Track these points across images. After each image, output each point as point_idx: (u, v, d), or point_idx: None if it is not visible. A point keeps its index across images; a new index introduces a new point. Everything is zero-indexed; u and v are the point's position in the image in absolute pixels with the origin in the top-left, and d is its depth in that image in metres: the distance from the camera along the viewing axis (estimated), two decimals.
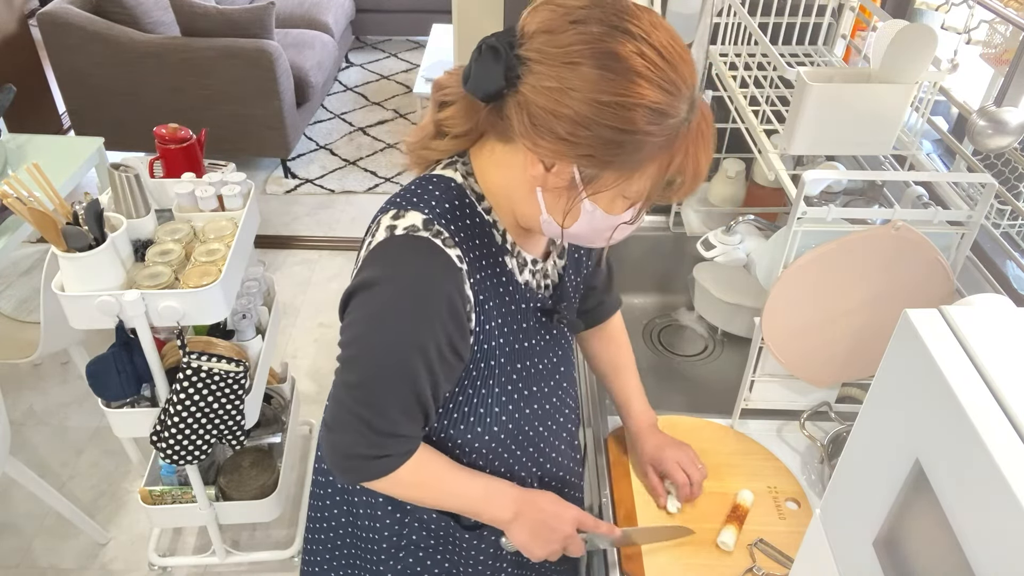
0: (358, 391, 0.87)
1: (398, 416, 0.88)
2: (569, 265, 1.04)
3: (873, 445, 0.63)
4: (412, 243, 0.83)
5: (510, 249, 0.93)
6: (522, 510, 0.98)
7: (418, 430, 0.92)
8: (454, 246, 0.84)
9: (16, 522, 2.24)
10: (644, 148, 0.77)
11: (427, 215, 0.85)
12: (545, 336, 0.99)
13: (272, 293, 1.99)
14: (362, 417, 0.87)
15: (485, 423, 0.96)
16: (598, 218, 0.84)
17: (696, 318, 1.78)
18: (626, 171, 0.79)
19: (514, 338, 0.94)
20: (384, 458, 0.90)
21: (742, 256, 1.44)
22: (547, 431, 1.04)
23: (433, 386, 0.87)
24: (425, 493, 0.96)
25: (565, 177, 0.80)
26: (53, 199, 1.50)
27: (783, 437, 1.33)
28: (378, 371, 0.86)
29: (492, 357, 0.92)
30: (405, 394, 0.86)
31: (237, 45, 3.37)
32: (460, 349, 0.87)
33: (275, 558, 2.12)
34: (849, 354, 1.23)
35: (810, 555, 0.75)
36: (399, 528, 1.05)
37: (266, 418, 2.06)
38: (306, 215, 3.63)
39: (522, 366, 0.96)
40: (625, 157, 0.77)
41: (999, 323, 0.58)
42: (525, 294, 0.95)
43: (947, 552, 0.52)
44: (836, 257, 1.12)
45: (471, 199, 0.89)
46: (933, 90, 1.21)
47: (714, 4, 1.58)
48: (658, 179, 0.81)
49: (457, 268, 0.84)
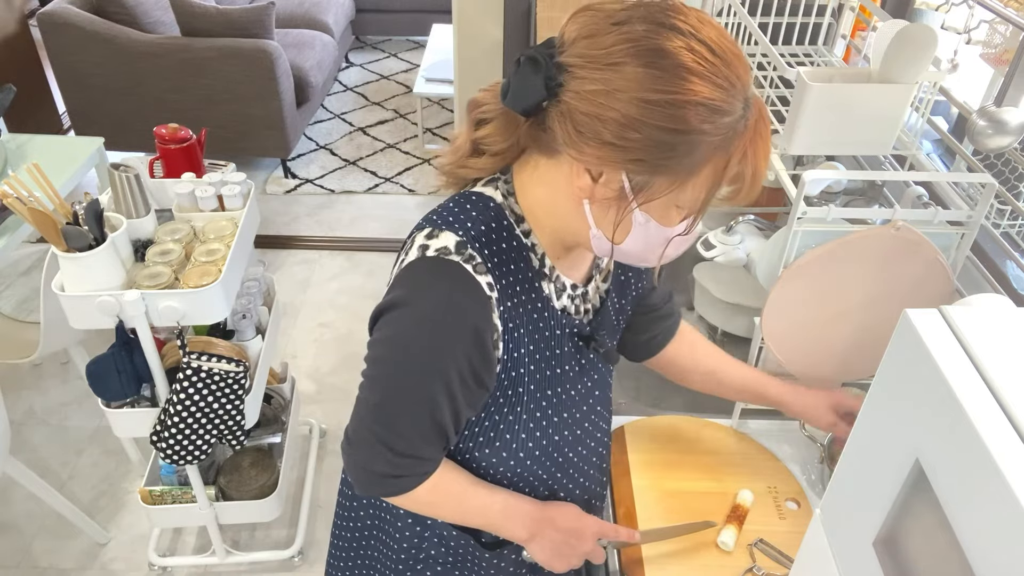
0: (378, 411, 0.86)
1: (416, 439, 0.86)
2: (613, 288, 1.00)
3: (873, 445, 0.63)
4: (442, 267, 0.81)
5: (548, 274, 0.89)
6: (541, 528, 0.97)
7: (437, 452, 0.90)
8: (485, 272, 0.82)
9: (16, 522, 2.24)
10: (698, 149, 0.72)
11: (461, 237, 0.82)
12: (581, 361, 0.95)
13: (272, 293, 1.99)
14: (380, 437, 0.86)
15: (511, 448, 0.93)
16: (652, 231, 0.79)
17: (696, 318, 1.78)
18: (680, 176, 0.74)
19: (546, 365, 0.90)
20: (402, 478, 0.89)
21: (742, 256, 1.44)
22: (576, 456, 1.01)
23: (453, 413, 0.85)
24: (443, 511, 0.95)
25: (614, 186, 0.76)
26: (53, 199, 1.50)
27: (783, 437, 1.33)
28: (397, 394, 0.85)
29: (521, 384, 0.89)
30: (423, 418, 0.85)
31: (237, 45, 3.37)
32: (484, 378, 0.85)
33: (275, 558, 2.12)
34: (849, 354, 1.22)
35: (810, 555, 0.75)
36: (418, 542, 1.03)
37: (266, 418, 2.06)
38: (306, 215, 3.63)
39: (552, 392, 0.92)
40: (678, 160, 0.73)
41: (999, 323, 0.58)
42: (561, 320, 0.90)
43: (947, 552, 0.52)
44: (836, 257, 1.12)
45: (509, 221, 0.85)
46: (933, 90, 1.21)
47: (714, 4, 1.58)
48: (714, 184, 0.76)
49: (486, 297, 0.81)
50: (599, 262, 0.97)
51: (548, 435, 0.94)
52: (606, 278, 0.99)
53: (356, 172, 3.94)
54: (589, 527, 0.99)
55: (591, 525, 0.99)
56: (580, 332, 0.93)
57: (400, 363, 0.84)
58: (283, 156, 3.82)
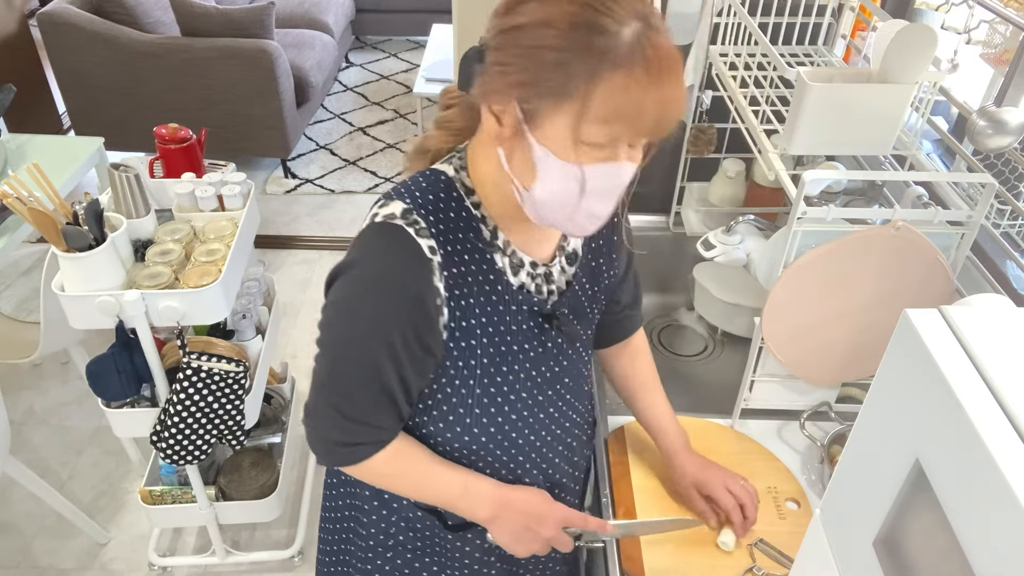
0: (328, 378, 0.90)
1: (366, 404, 0.89)
2: (583, 274, 1.00)
3: (873, 445, 0.63)
4: (384, 230, 0.85)
5: (501, 247, 0.90)
6: (502, 511, 0.97)
7: (392, 421, 0.91)
8: (429, 237, 0.84)
9: (16, 522, 2.24)
10: (574, 68, 0.73)
11: (408, 205, 0.86)
12: (547, 344, 0.96)
13: (272, 293, 1.99)
14: (332, 403, 0.89)
15: (465, 424, 0.94)
16: (555, 170, 0.78)
17: (696, 318, 1.78)
18: (561, 98, 0.74)
19: (500, 339, 0.91)
20: (358, 445, 0.92)
21: (742, 256, 1.44)
22: (540, 441, 1.01)
23: (400, 378, 0.87)
24: (402, 484, 0.97)
25: (513, 122, 0.78)
26: (53, 199, 1.50)
27: (783, 437, 1.33)
28: (344, 357, 0.88)
29: (473, 356, 0.90)
30: (370, 382, 0.87)
31: (237, 45, 3.37)
32: (428, 342, 0.86)
33: (275, 558, 2.12)
34: (849, 354, 1.23)
35: (810, 555, 0.75)
36: (386, 527, 1.05)
37: (266, 418, 2.06)
38: (306, 215, 3.63)
39: (508, 369, 0.93)
40: (553, 79, 0.74)
41: (999, 323, 0.58)
42: (517, 296, 0.91)
43: (947, 552, 0.52)
44: (836, 257, 1.12)
45: (459, 192, 0.88)
46: (933, 90, 1.21)
47: (714, 4, 1.58)
48: (611, 115, 0.74)
49: (426, 259, 0.84)
50: (564, 244, 0.98)
51: (504, 414, 0.95)
52: (573, 260, 0.99)
53: (356, 172, 3.94)
54: (552, 513, 0.99)
55: (555, 511, 0.99)
56: (541, 310, 0.94)
57: (343, 327, 0.87)
58: (283, 156, 3.82)
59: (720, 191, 1.79)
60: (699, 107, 1.73)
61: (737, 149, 1.78)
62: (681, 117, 0.78)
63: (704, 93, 1.70)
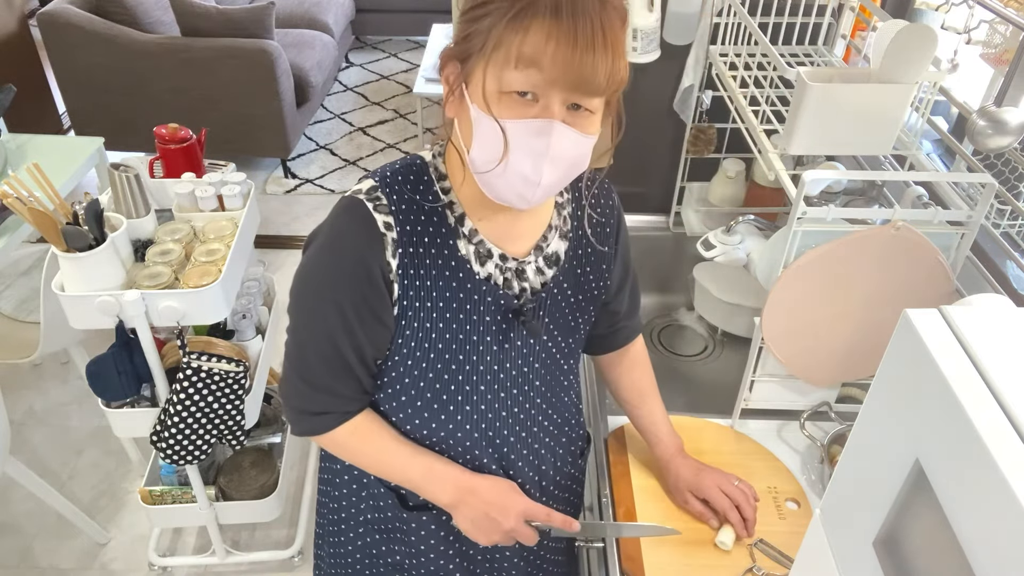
0: (292, 346, 0.94)
1: (323, 371, 0.92)
2: (564, 278, 0.99)
3: (873, 445, 0.63)
4: (345, 203, 0.89)
5: (467, 234, 0.91)
6: (463, 497, 0.97)
7: (352, 390, 0.94)
8: (387, 214, 0.87)
9: (16, 522, 2.24)
10: (489, 19, 0.77)
11: (376, 182, 0.89)
12: (515, 341, 0.96)
13: (272, 293, 2.00)
14: (296, 370, 0.94)
15: (416, 405, 0.96)
16: (483, 125, 0.80)
17: (696, 318, 1.78)
18: (485, 51, 0.78)
19: (458, 326, 0.92)
20: (322, 415, 0.95)
21: (742, 256, 1.44)
22: (500, 440, 1.01)
23: (355, 346, 0.90)
24: (366, 459, 0.99)
25: (456, 85, 0.83)
26: (53, 199, 1.50)
27: (783, 437, 1.33)
28: (302, 324, 0.92)
29: (427, 339, 0.92)
30: (325, 347, 0.90)
31: (237, 45, 3.37)
32: (379, 312, 0.89)
33: (275, 558, 2.12)
34: (849, 354, 1.22)
35: (810, 555, 0.75)
36: (356, 501, 1.07)
37: (266, 418, 2.06)
38: (306, 215, 3.63)
39: (466, 359, 0.94)
40: (477, 33, 0.79)
41: (999, 323, 0.58)
42: (481, 287, 0.92)
43: (947, 552, 0.52)
44: (836, 257, 1.12)
45: (430, 176, 0.91)
46: (933, 90, 1.21)
47: (714, 4, 1.58)
48: (522, 60, 0.76)
49: (378, 232, 0.87)
50: (543, 244, 0.97)
51: (458, 403, 0.96)
52: (553, 264, 0.98)
53: (356, 172, 3.94)
54: (516, 505, 0.98)
55: (519, 503, 0.99)
56: (508, 305, 0.94)
57: (301, 292, 0.91)
58: (283, 156, 3.82)
59: (720, 191, 1.79)
60: (699, 107, 1.73)
61: (737, 149, 1.78)
62: (607, 74, 0.78)
63: (704, 93, 1.70)
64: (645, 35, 1.64)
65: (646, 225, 1.92)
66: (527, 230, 0.96)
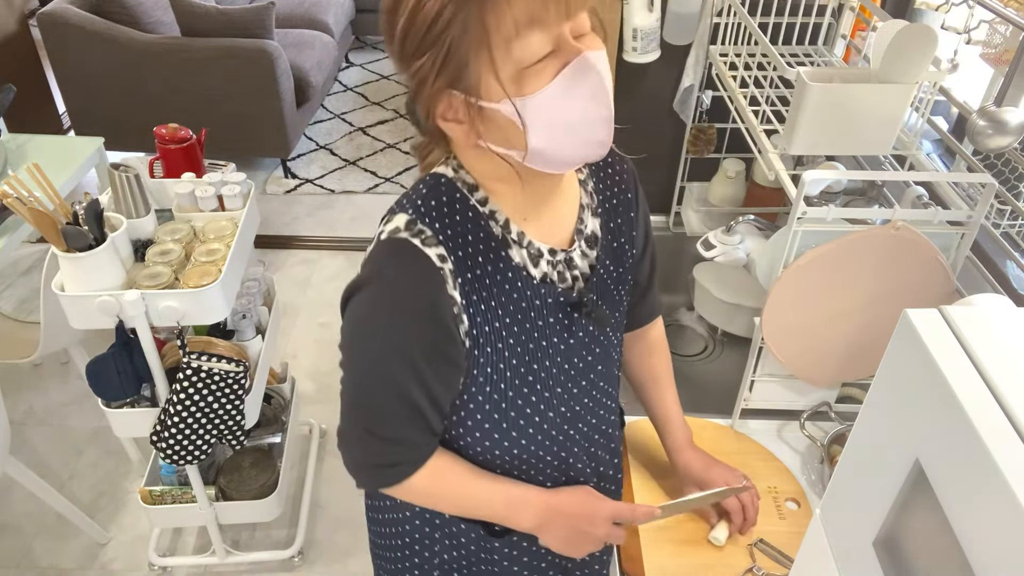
0: (355, 400, 0.87)
1: (397, 423, 0.86)
2: (605, 255, 0.95)
3: (873, 445, 0.63)
4: (391, 246, 0.82)
5: (516, 240, 0.86)
6: (549, 518, 0.94)
7: (426, 437, 0.89)
8: (436, 244, 0.81)
9: (16, 522, 2.24)
10: (459, 16, 0.70)
11: (411, 215, 0.83)
12: (578, 333, 0.92)
13: (272, 293, 2.00)
14: (364, 425, 0.87)
15: (502, 428, 0.91)
16: (532, 110, 0.74)
17: (696, 318, 1.78)
18: (477, 51, 0.71)
19: (528, 338, 0.88)
20: (395, 466, 0.89)
21: (742, 256, 1.44)
22: (577, 433, 0.97)
23: (426, 393, 0.84)
24: (444, 501, 0.94)
25: (464, 110, 0.76)
26: (53, 199, 1.50)
27: (783, 437, 1.33)
28: (366, 378, 0.85)
29: (501, 360, 0.87)
30: (398, 401, 0.84)
31: (237, 45, 3.37)
32: (450, 354, 0.84)
33: (275, 558, 2.12)
34: (849, 354, 1.22)
35: (810, 555, 0.75)
36: (431, 544, 1.01)
37: (266, 418, 2.06)
38: (306, 215, 3.63)
39: (540, 367, 0.90)
40: (458, 39, 0.71)
41: (999, 323, 0.58)
42: (539, 290, 0.87)
43: (947, 552, 0.52)
44: (836, 257, 1.12)
45: (463, 192, 0.85)
46: (933, 90, 1.21)
47: (714, 4, 1.58)
48: (520, 20, 0.70)
49: (436, 268, 0.81)
50: (581, 227, 0.93)
51: (541, 412, 0.92)
52: (594, 244, 0.95)
53: (356, 172, 3.94)
54: (601, 510, 0.96)
55: (604, 508, 0.96)
56: (568, 300, 0.90)
57: (362, 348, 0.85)
58: (283, 156, 3.82)
59: (720, 191, 1.79)
60: (699, 107, 1.73)
61: (737, 149, 1.78)
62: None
63: (704, 93, 1.70)
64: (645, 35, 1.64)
65: None
66: (566, 216, 0.92)
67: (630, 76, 1.74)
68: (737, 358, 1.68)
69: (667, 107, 1.79)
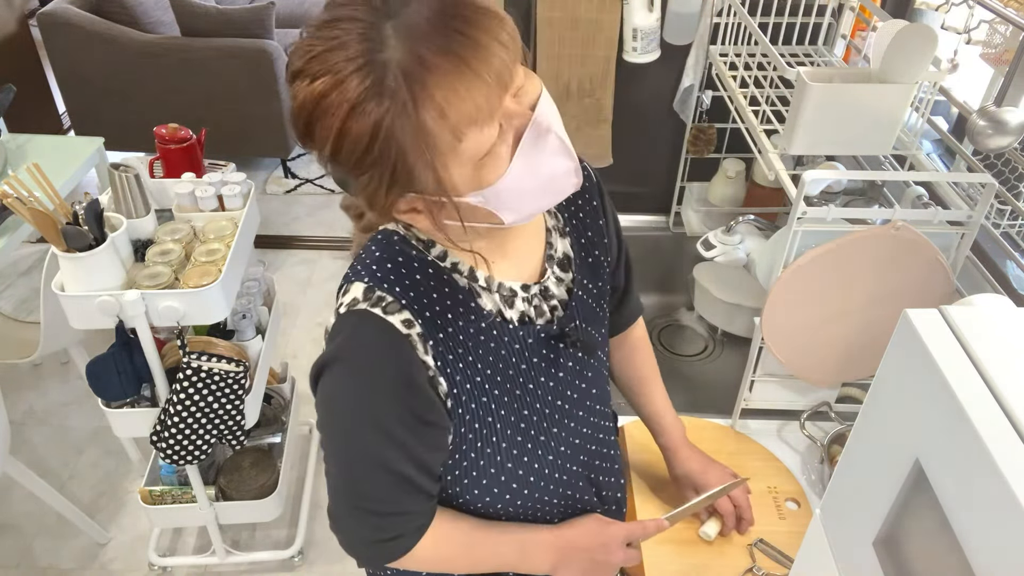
0: (342, 480, 0.84)
1: (388, 496, 0.82)
2: (581, 274, 0.93)
3: (873, 445, 0.63)
4: (352, 319, 0.78)
5: (485, 286, 0.83)
6: (564, 556, 0.92)
7: (421, 503, 0.85)
8: (400, 310, 0.77)
9: (16, 522, 2.24)
10: (402, 129, 0.64)
11: (368, 283, 0.78)
12: (565, 365, 0.89)
13: (272, 293, 2.00)
14: (355, 503, 0.84)
15: (500, 482, 0.87)
16: (501, 191, 0.71)
17: (696, 318, 1.78)
18: (430, 154, 0.66)
19: (513, 385, 0.85)
20: (396, 539, 0.85)
21: (742, 256, 1.44)
22: (581, 466, 0.95)
23: (414, 460, 0.81)
24: (455, 564, 0.91)
25: (426, 205, 0.72)
26: (53, 199, 1.50)
27: (783, 437, 1.33)
28: (347, 455, 0.82)
29: (489, 414, 0.84)
30: (383, 473, 0.81)
31: (237, 45, 3.37)
32: (431, 418, 0.80)
33: (275, 558, 2.12)
34: (849, 354, 1.23)
35: (810, 555, 0.75)
36: None
37: (266, 418, 2.06)
38: (306, 215, 3.63)
39: (531, 412, 0.87)
40: (399, 154, 0.66)
41: (999, 323, 0.58)
42: (518, 333, 0.84)
43: (947, 552, 0.52)
44: (836, 257, 1.12)
45: (418, 249, 0.81)
46: (933, 90, 1.21)
47: (714, 4, 1.58)
48: (461, 121, 0.65)
49: (403, 335, 0.77)
50: (550, 252, 0.90)
51: (540, 458, 0.89)
52: (567, 267, 0.92)
53: None
54: (614, 536, 0.94)
55: (616, 533, 0.95)
56: (549, 334, 0.87)
57: (339, 427, 0.82)
58: (283, 156, 3.82)
59: (720, 191, 1.79)
60: (699, 107, 1.73)
61: (737, 149, 1.78)
62: (507, 57, 0.67)
63: (704, 93, 1.70)
64: (645, 35, 1.64)
65: (646, 225, 1.92)
66: (532, 248, 0.90)
67: (630, 76, 1.74)
68: (737, 358, 1.68)
69: (667, 107, 1.79)
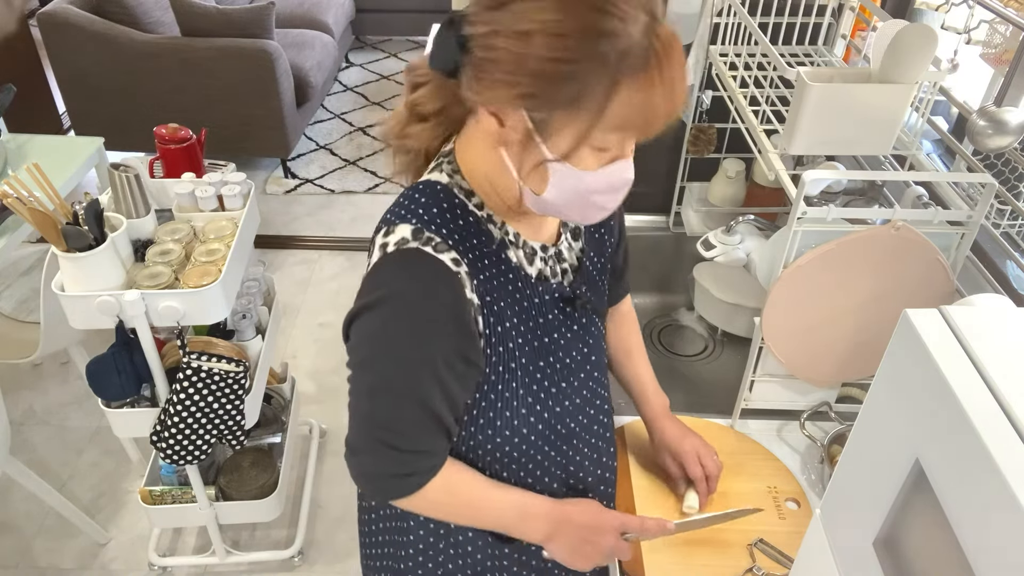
0: (371, 412, 0.86)
1: (417, 433, 0.85)
2: (589, 247, 1.00)
3: (873, 445, 0.63)
4: (404, 257, 0.82)
5: (513, 240, 0.89)
6: (559, 528, 0.94)
7: (441, 445, 0.88)
8: (448, 250, 0.82)
9: (16, 522, 2.24)
10: (588, 79, 0.71)
11: (415, 225, 0.83)
12: (573, 327, 0.95)
13: (272, 293, 2.00)
14: (381, 438, 0.86)
15: (512, 426, 0.91)
16: (569, 178, 0.78)
17: (696, 318, 1.78)
18: (575, 109, 0.73)
19: (532, 336, 0.90)
20: (411, 476, 0.88)
21: (742, 256, 1.44)
22: (578, 426, 0.98)
23: (449, 399, 0.84)
24: (455, 511, 0.94)
25: (520, 128, 0.77)
26: (53, 199, 1.50)
27: (783, 437, 1.33)
28: (389, 392, 0.84)
29: (512, 359, 0.88)
30: (420, 411, 0.84)
31: (237, 45, 3.37)
32: (471, 356, 0.84)
33: (275, 558, 2.12)
34: (849, 354, 1.23)
35: (810, 555, 0.75)
36: (435, 555, 1.00)
37: (266, 418, 2.06)
38: (306, 215, 3.63)
39: (545, 363, 0.92)
40: (566, 92, 0.72)
41: (999, 323, 0.58)
42: (537, 287, 0.90)
43: (947, 552, 0.52)
44: (836, 257, 1.12)
45: (460, 198, 0.86)
46: (933, 90, 1.21)
47: (714, 4, 1.58)
48: (623, 121, 0.74)
49: (453, 272, 0.81)
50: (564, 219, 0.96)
51: (549, 407, 0.93)
52: (577, 235, 0.99)
53: (356, 172, 3.94)
54: (609, 522, 0.96)
55: (612, 520, 0.96)
56: (562, 295, 0.93)
57: (385, 361, 0.84)
58: (283, 156, 3.82)
59: (720, 191, 1.79)
60: (699, 107, 1.73)
61: (737, 149, 1.78)
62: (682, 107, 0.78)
63: (704, 93, 1.70)
64: None
65: (646, 225, 1.92)
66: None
67: None
68: (737, 358, 1.68)
69: None
